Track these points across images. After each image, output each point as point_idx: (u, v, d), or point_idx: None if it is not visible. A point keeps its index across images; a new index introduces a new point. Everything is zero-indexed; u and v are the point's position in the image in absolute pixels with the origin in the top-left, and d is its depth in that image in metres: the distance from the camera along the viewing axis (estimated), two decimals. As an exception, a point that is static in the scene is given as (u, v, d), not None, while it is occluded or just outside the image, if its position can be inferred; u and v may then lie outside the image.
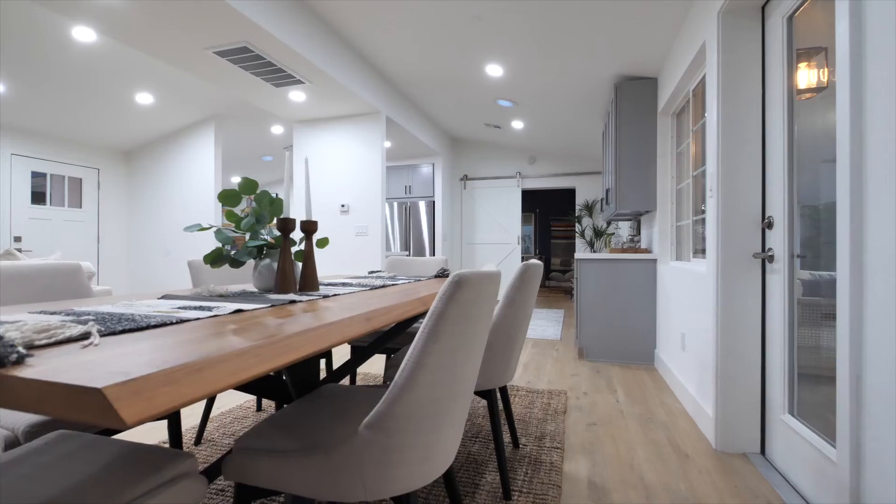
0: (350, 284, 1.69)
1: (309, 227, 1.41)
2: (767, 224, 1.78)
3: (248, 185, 1.33)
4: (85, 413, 0.43)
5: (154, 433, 2.00)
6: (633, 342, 3.34)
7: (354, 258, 4.53)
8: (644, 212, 3.64)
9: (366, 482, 0.82)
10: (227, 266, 2.11)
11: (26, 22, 3.25)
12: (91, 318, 0.83)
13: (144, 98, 4.62)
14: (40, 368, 0.50)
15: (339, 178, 4.54)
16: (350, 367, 1.58)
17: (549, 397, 2.48)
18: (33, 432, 0.99)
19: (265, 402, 2.40)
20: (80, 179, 5.55)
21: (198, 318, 0.85)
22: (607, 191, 4.02)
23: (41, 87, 4.21)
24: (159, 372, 0.48)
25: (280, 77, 3.49)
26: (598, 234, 6.21)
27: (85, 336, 0.66)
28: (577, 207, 6.50)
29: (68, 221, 5.41)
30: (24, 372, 0.48)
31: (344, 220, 4.53)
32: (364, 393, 1.22)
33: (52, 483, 0.74)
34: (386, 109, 4.40)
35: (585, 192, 6.49)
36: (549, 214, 10.46)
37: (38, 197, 5.11)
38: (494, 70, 3.80)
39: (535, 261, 1.58)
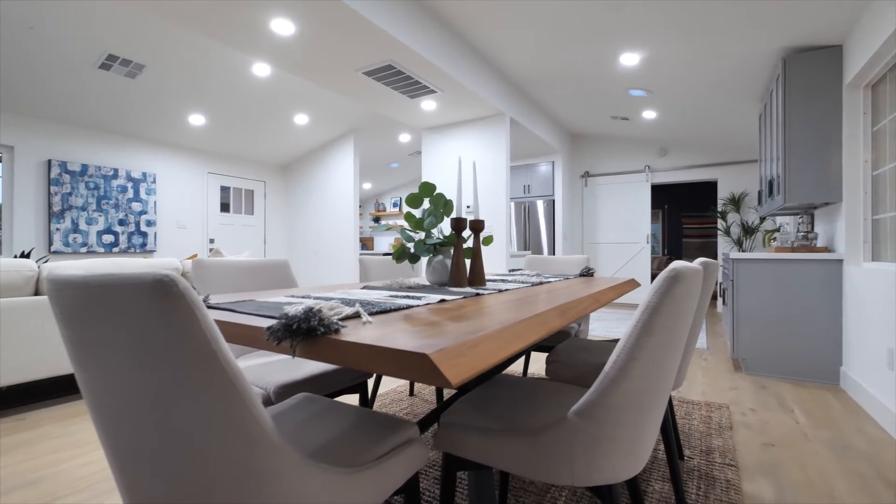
0: (508, 280, 1.75)
1: (477, 226, 1.51)
2: None
3: (427, 188, 1.48)
4: (413, 373, 0.54)
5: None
6: (809, 356, 2.85)
7: (479, 257, 4.65)
8: (821, 204, 3.09)
9: (574, 468, 0.86)
10: (387, 261, 2.36)
11: (223, 66, 4.03)
12: (338, 301, 1.00)
13: (301, 119, 5.37)
14: (354, 336, 0.63)
15: (465, 180, 4.72)
16: (510, 361, 1.65)
17: (707, 410, 2.26)
18: (280, 393, 1.24)
19: (417, 387, 2.61)
20: (252, 191, 6.68)
21: (417, 305, 0.98)
22: (770, 181, 3.50)
23: (229, 116, 5.17)
24: (452, 346, 0.57)
25: (416, 89, 3.76)
26: (748, 230, 5.43)
27: (356, 315, 0.81)
28: (721, 202, 5.76)
29: (245, 226, 6.56)
30: (354, 338, 0.61)
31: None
32: (533, 384, 1.26)
33: (314, 435, 0.92)
34: (510, 111, 4.44)
35: (730, 184, 5.73)
36: (681, 210, 9.47)
37: (223, 206, 6.30)
38: (629, 59, 3.59)
39: (709, 259, 1.46)
